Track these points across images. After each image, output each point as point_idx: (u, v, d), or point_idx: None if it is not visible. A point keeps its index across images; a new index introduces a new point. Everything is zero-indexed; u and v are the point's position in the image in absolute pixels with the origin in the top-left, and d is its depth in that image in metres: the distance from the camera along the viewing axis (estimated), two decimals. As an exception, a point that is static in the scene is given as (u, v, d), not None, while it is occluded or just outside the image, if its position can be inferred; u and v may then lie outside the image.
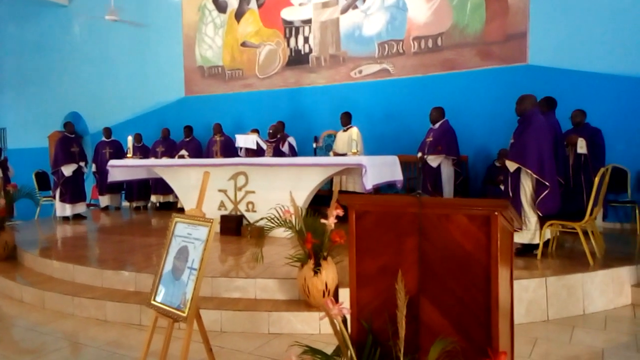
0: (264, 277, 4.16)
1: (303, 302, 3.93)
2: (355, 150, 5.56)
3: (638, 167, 6.51)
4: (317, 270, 3.74)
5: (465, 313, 1.86)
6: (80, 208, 8.47)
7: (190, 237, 2.42)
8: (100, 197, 9.89)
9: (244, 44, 9.57)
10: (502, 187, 6.83)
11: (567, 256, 4.87)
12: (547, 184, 4.58)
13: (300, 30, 8.96)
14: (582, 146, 5.78)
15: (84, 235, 7.02)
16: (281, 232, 4.27)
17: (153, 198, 9.61)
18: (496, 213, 1.77)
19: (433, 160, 6.53)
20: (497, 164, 7.09)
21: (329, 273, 3.78)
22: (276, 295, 4.10)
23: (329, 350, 2.20)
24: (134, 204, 9.92)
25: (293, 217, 3.88)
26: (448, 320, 1.88)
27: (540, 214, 4.64)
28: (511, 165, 4.94)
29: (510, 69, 7.29)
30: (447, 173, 6.57)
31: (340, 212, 3.84)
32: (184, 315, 2.26)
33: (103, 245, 6.07)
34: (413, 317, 1.92)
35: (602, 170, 4.58)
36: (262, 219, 4.05)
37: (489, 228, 1.79)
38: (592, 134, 5.90)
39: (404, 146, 7.81)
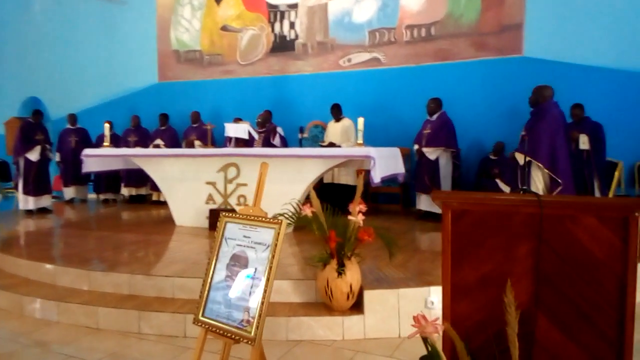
0: (276, 279, 3.80)
1: (322, 305, 3.62)
2: (361, 141, 5.26)
3: (631, 161, 6.53)
4: (341, 271, 3.44)
5: (589, 331, 1.61)
6: (45, 201, 7.81)
7: (248, 241, 2.05)
8: (65, 189, 9.16)
9: (224, 28, 9.04)
10: (498, 181, 6.76)
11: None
12: (559, 180, 4.46)
13: (286, 15, 8.52)
14: (584, 142, 5.72)
15: (57, 231, 6.41)
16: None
17: (124, 190, 9.01)
18: (637, 214, 1.52)
19: (431, 153, 6.32)
20: (492, 157, 6.97)
21: (354, 274, 3.48)
22: (291, 298, 3.76)
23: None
24: (102, 197, 9.28)
25: (309, 212, 3.57)
26: (569, 338, 1.63)
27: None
28: (520, 158, 4.78)
29: (505, 61, 7.18)
30: (445, 166, 6.37)
31: (363, 207, 3.56)
32: (251, 335, 1.88)
33: (81, 242, 5.44)
34: (525, 335, 1.65)
35: (619, 165, 4.49)
36: (278, 214, 3.68)
37: (626, 231, 1.54)
38: (593, 128, 5.84)
39: (393, 138, 7.56)
